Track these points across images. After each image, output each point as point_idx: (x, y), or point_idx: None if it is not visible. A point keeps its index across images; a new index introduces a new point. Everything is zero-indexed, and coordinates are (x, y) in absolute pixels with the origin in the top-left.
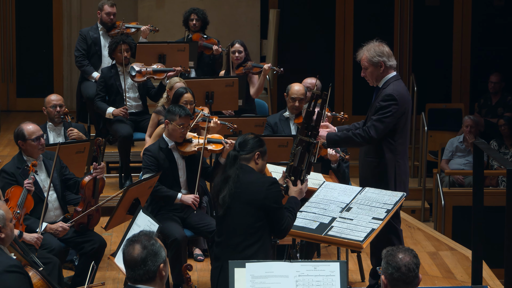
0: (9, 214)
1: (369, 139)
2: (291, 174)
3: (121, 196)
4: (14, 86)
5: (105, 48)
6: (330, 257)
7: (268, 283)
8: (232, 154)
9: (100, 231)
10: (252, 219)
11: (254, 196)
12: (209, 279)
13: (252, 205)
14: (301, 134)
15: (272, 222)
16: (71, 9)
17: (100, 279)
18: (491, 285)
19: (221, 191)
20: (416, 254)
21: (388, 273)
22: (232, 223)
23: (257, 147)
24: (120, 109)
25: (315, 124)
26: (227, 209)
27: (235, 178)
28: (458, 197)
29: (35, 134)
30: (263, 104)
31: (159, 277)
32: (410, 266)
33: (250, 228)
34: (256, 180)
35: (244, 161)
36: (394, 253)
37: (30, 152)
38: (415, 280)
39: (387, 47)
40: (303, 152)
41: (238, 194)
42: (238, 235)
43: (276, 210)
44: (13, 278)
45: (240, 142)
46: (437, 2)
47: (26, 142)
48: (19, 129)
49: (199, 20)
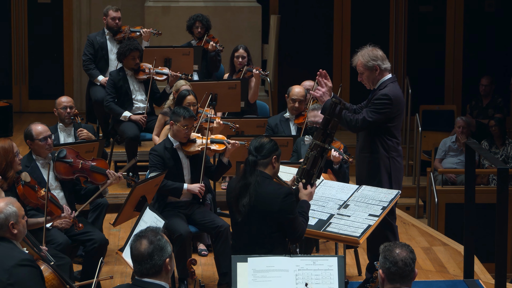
0: (21, 211)
1: (355, 128)
2: (303, 177)
3: (129, 194)
4: (26, 89)
5: (112, 52)
6: (328, 252)
7: (269, 277)
8: (251, 159)
9: (109, 227)
10: (268, 229)
11: (270, 208)
12: (212, 273)
13: (268, 216)
14: (317, 139)
15: (288, 231)
16: (81, 15)
17: (109, 273)
18: (482, 278)
19: (241, 198)
20: (412, 250)
21: (385, 267)
22: (249, 231)
23: (274, 151)
24: (140, 116)
25: (330, 131)
26: (245, 217)
27: (255, 185)
28: (451, 195)
29: (42, 135)
30: (264, 105)
31: (165, 271)
32: (406, 261)
33: (266, 237)
34: (272, 191)
35: (262, 166)
36: (392, 249)
37: (38, 152)
38: (411, 274)
39: (380, 50)
40: (317, 157)
41: (256, 204)
42: (255, 243)
43: (292, 221)
44: (25, 271)
45: (256, 146)
46: (431, 8)
47: (34, 142)
48: (28, 129)
49: (203, 27)
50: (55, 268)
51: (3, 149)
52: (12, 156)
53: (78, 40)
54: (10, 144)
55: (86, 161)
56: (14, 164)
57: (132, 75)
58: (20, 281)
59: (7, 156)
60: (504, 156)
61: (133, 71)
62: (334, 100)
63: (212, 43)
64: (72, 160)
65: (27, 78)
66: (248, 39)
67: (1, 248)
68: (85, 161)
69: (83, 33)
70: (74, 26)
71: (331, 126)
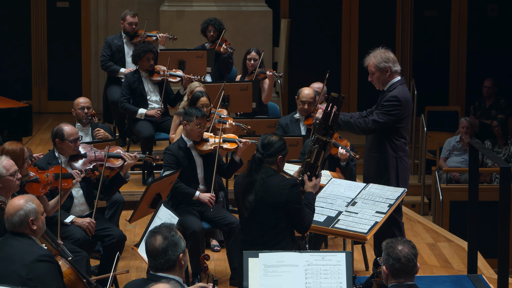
0: (41, 208)
1: (367, 130)
2: (307, 169)
3: (144, 192)
4: (45, 90)
5: (128, 55)
6: (336, 248)
7: (279, 272)
8: (257, 157)
9: (125, 224)
10: (276, 220)
11: (277, 199)
12: (225, 268)
13: (276, 207)
14: (318, 133)
15: (296, 221)
16: (98, 18)
17: (125, 268)
18: (486, 274)
19: (247, 194)
20: (414, 245)
21: (389, 264)
22: (258, 224)
23: (281, 151)
24: (155, 110)
25: (331, 124)
26: (253, 211)
27: (260, 182)
28: (455, 193)
29: (73, 136)
30: (275, 106)
31: (178, 266)
32: (409, 257)
33: (275, 229)
34: (278, 183)
35: (267, 164)
36: (394, 245)
37: (64, 151)
38: (414, 269)
39: (392, 53)
40: (320, 150)
41: (263, 197)
42: (264, 235)
43: (299, 211)
44: (44, 266)
45: (264, 143)
46: (436, 13)
47: (63, 142)
48: (59, 128)
49: (216, 31)
50: (73, 263)
51: (14, 153)
52: (21, 162)
53: (95, 42)
54: (22, 149)
55: (100, 151)
56: (22, 170)
57: (147, 77)
58: (38, 276)
59: (17, 161)
60: (507, 155)
61: (148, 73)
62: (334, 95)
63: (224, 45)
64: (85, 152)
65: (46, 79)
66: (259, 42)
67: (20, 244)
68: (99, 151)
69: (100, 36)
70: (91, 29)
71: (331, 120)
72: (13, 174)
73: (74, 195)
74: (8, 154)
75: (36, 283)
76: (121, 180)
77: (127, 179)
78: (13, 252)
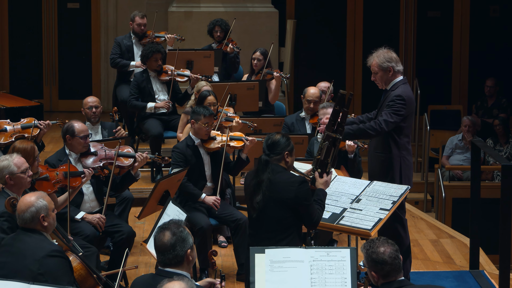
0: (52, 205)
1: (380, 131)
2: (318, 167)
3: (153, 189)
4: (56, 89)
5: (137, 56)
6: (341, 244)
7: (285, 267)
8: (263, 158)
9: (134, 220)
10: (284, 216)
11: (286, 195)
12: (232, 264)
13: (284, 204)
14: (328, 130)
15: (304, 217)
16: (108, 19)
17: (134, 263)
18: (487, 269)
19: (255, 195)
20: (392, 241)
21: (377, 268)
22: (266, 220)
23: (285, 148)
24: (164, 102)
25: (340, 121)
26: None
27: (267, 182)
28: (457, 190)
29: (83, 133)
30: (281, 105)
31: (186, 261)
32: (393, 255)
33: (282, 224)
34: (286, 180)
35: (275, 161)
36: (375, 250)
37: (74, 148)
38: (400, 262)
39: (394, 53)
40: (329, 147)
41: (271, 194)
42: (272, 231)
43: (307, 207)
44: (55, 262)
45: (269, 144)
46: (438, 14)
47: (74, 138)
48: (70, 125)
49: (222, 31)
50: (83, 258)
51: (25, 151)
52: (32, 160)
53: (105, 42)
54: (32, 148)
55: (110, 149)
56: (32, 167)
57: (155, 76)
58: (49, 271)
59: (28, 159)
60: (508, 153)
61: (156, 73)
62: (343, 92)
63: (231, 45)
64: (96, 150)
65: (57, 79)
66: (265, 42)
67: (32, 239)
68: (109, 149)
69: (110, 36)
70: (101, 29)
71: (341, 117)
72: (25, 171)
73: (84, 191)
74: (19, 152)
75: (47, 278)
76: (131, 179)
77: (137, 178)
78: (25, 248)
